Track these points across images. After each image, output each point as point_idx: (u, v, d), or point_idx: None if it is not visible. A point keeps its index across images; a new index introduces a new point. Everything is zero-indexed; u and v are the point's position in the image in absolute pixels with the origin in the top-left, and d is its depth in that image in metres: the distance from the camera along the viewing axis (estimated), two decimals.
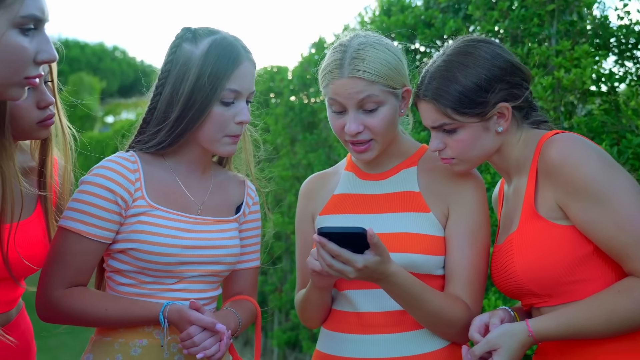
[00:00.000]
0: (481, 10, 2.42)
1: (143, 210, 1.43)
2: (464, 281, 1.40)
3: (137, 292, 1.45)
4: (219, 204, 1.55)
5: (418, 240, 1.42)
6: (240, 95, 1.44)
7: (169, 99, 1.44)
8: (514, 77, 1.34)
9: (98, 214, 1.40)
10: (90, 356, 1.46)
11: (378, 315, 1.43)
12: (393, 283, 1.31)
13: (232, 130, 1.45)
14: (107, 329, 1.46)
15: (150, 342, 1.43)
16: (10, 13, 1.06)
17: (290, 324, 4.29)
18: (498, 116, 1.34)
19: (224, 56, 1.42)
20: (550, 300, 1.28)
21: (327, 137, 3.83)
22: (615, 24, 2.18)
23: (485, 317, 1.31)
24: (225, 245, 1.51)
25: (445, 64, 1.34)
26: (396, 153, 1.51)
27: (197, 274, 1.47)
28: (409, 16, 2.84)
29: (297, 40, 51.11)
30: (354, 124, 1.39)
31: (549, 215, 1.27)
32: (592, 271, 1.24)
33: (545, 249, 1.26)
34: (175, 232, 1.44)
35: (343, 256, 1.25)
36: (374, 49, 1.40)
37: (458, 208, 1.44)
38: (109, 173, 1.42)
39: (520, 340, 1.23)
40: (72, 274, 1.43)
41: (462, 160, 1.38)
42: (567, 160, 1.24)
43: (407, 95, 1.47)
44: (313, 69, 3.74)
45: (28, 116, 1.41)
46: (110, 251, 1.46)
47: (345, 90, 1.39)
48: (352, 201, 1.51)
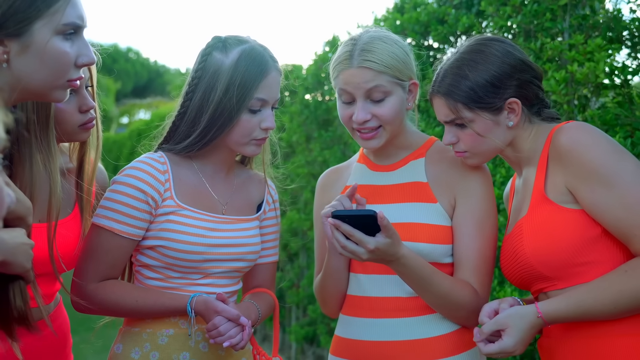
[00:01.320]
0: (494, 6, 2.45)
1: (172, 210, 1.50)
2: (472, 267, 1.45)
3: (164, 286, 1.53)
4: (242, 203, 1.61)
5: (425, 229, 1.47)
6: (267, 103, 1.51)
7: (199, 106, 1.51)
8: (524, 74, 1.39)
9: (130, 212, 1.47)
10: (120, 346, 1.53)
11: (387, 300, 1.49)
12: (403, 265, 1.37)
13: (258, 135, 1.52)
14: (135, 320, 1.54)
15: (177, 332, 1.50)
16: (54, 21, 1.14)
17: (307, 320, 4.34)
18: (508, 111, 1.39)
19: (253, 67, 1.48)
20: (559, 283, 1.32)
21: (342, 134, 3.87)
22: (628, 17, 2.19)
23: (495, 303, 1.36)
24: (248, 243, 1.57)
25: (457, 61, 1.40)
26: (405, 145, 1.57)
27: (221, 270, 1.54)
28: (422, 13, 2.88)
29: (312, 38, 51.62)
30: (362, 113, 1.46)
31: (559, 199, 1.31)
32: (600, 253, 1.28)
33: (555, 231, 1.30)
34: (201, 231, 1.50)
35: (356, 236, 1.32)
36: (382, 42, 1.47)
37: (465, 197, 1.49)
38: (139, 173, 1.49)
39: (530, 321, 1.26)
40: (105, 268, 1.50)
41: (475, 154, 1.43)
42: (577, 145, 1.29)
43: (414, 88, 1.53)
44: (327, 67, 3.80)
45: (71, 120, 1.49)
46: (139, 247, 1.53)
47: (354, 80, 1.45)
48: (363, 192, 1.56)
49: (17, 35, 1.12)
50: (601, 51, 2.09)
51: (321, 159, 4.08)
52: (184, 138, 1.53)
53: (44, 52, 1.13)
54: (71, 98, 1.48)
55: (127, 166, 1.53)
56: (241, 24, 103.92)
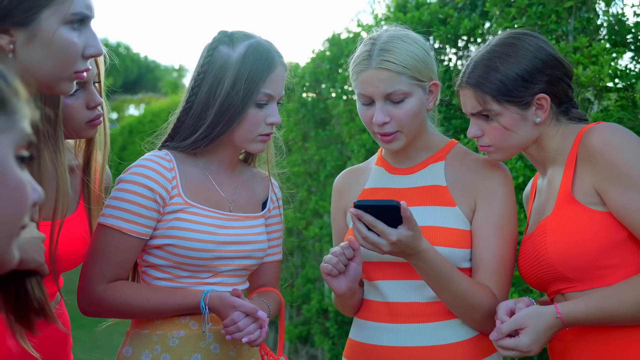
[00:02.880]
0: (499, 7, 2.44)
1: (180, 208, 1.47)
2: (491, 271, 1.43)
3: (173, 286, 1.50)
4: (248, 200, 1.59)
5: (443, 233, 1.45)
6: (273, 98, 1.49)
7: (205, 100, 1.49)
8: (555, 70, 1.38)
9: (137, 211, 1.45)
10: (129, 349, 1.50)
11: (406, 306, 1.47)
12: (423, 259, 1.35)
13: (263, 130, 1.50)
14: (144, 321, 1.51)
15: (188, 333, 1.48)
16: (62, 10, 1.11)
17: (301, 319, 4.32)
18: (537, 107, 1.38)
19: (260, 61, 1.47)
20: (579, 285, 1.31)
21: (340, 133, 3.86)
22: (632, 20, 2.20)
23: (511, 303, 1.34)
24: (256, 240, 1.56)
25: (488, 53, 1.39)
26: (425, 147, 1.55)
27: (230, 268, 1.52)
28: (425, 13, 2.87)
29: (309, 36, 51.36)
30: (380, 115, 1.44)
31: (586, 200, 1.30)
32: (625, 257, 1.27)
33: (580, 232, 1.29)
34: (210, 229, 1.48)
35: (378, 227, 1.30)
36: (402, 41, 1.44)
37: (485, 201, 1.47)
38: (146, 171, 1.46)
39: (549, 321, 1.25)
40: (113, 269, 1.47)
41: (499, 149, 1.42)
42: (609, 146, 1.28)
43: (435, 89, 1.50)
44: (326, 65, 3.78)
45: (78, 116, 1.47)
46: (146, 247, 1.50)
47: (372, 81, 1.43)
48: (381, 195, 1.55)
49: (24, 24, 1.08)
50: (606, 55, 2.09)
51: (318, 157, 4.06)
52: (190, 134, 1.51)
53: (51, 42, 1.10)
54: (79, 94, 1.46)
55: (133, 164, 1.50)
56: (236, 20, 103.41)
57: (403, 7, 3.16)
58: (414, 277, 1.46)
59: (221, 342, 1.49)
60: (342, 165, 3.85)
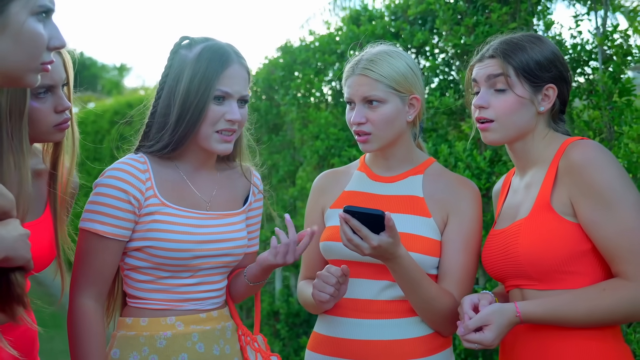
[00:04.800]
0: (448, 25, 2.59)
1: (156, 209, 1.52)
2: (456, 280, 1.59)
3: (155, 288, 1.55)
4: (227, 198, 1.65)
5: (417, 240, 1.59)
6: (230, 95, 1.53)
7: (167, 101, 1.54)
8: (564, 70, 1.52)
9: (113, 213, 1.49)
10: (117, 351, 1.53)
11: (374, 303, 1.60)
12: (399, 264, 1.48)
13: (221, 126, 1.52)
14: (130, 324, 1.55)
15: (174, 334, 1.53)
16: (30, 3, 1.11)
17: (252, 321, 4.37)
18: (543, 97, 1.50)
19: (215, 58, 1.53)
20: (539, 284, 1.43)
21: (292, 139, 3.93)
22: (570, 42, 2.39)
23: (475, 297, 1.46)
24: (234, 237, 1.61)
25: (516, 39, 1.52)
26: (406, 160, 1.69)
27: (210, 266, 1.58)
28: (378, 26, 2.99)
29: (262, 43, 50.98)
30: (357, 115, 1.60)
31: (560, 210, 1.41)
32: (585, 266, 1.40)
33: (551, 238, 1.39)
34: (187, 229, 1.53)
35: (362, 232, 1.42)
36: (387, 55, 1.61)
37: (456, 216, 1.62)
38: (120, 174, 1.51)
39: (509, 318, 1.37)
40: (94, 273, 1.51)
41: (501, 125, 1.50)
42: (589, 163, 1.37)
43: (416, 103, 1.64)
44: (279, 72, 3.85)
45: (45, 119, 1.48)
46: (127, 249, 1.54)
47: (354, 86, 1.61)
48: (361, 198, 1.67)
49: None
50: None
51: (270, 162, 4.12)
52: (158, 139, 1.56)
53: (20, 33, 1.10)
54: (47, 97, 1.47)
55: (108, 168, 1.54)
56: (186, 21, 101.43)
57: (356, 20, 3.28)
58: (383, 278, 1.60)
59: (206, 342, 1.55)
60: (294, 170, 3.93)
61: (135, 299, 1.57)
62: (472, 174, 2.42)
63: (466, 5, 2.58)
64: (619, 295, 1.34)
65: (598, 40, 2.22)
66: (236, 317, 1.69)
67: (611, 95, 2.19)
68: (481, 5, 2.52)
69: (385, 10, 3.11)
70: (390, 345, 1.58)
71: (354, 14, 3.30)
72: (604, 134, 2.21)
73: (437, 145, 2.65)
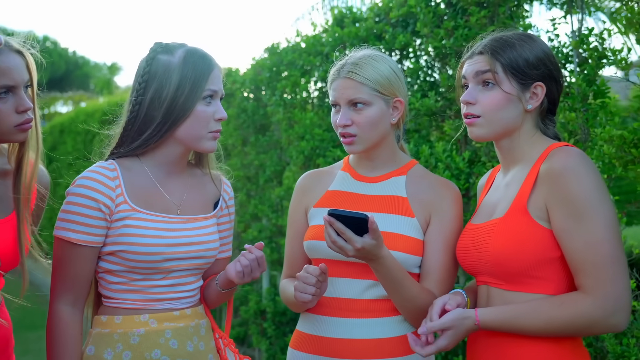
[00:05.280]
0: (428, 28, 2.63)
1: (127, 215, 1.56)
2: (437, 279, 1.64)
3: (128, 289, 1.59)
4: (197, 202, 1.68)
5: (401, 240, 1.63)
6: (216, 94, 1.61)
7: (150, 105, 1.58)
8: (554, 69, 1.51)
9: (84, 221, 1.53)
10: (92, 348, 1.57)
11: (356, 302, 1.64)
12: (382, 265, 1.52)
13: (213, 126, 1.60)
14: (105, 322, 1.59)
15: (147, 330, 1.57)
16: None
17: (239, 320, 4.40)
18: (531, 95, 1.49)
19: (201, 61, 1.59)
20: (506, 285, 1.45)
21: (279, 139, 3.97)
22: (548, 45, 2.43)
23: (446, 298, 1.50)
24: (205, 240, 1.65)
25: (506, 36, 1.52)
26: (390, 161, 1.73)
27: (181, 268, 1.61)
28: (361, 29, 3.03)
29: (250, 43, 51.19)
30: (343, 118, 1.65)
31: (536, 214, 1.41)
32: (552, 273, 1.41)
33: (522, 242, 1.40)
34: (157, 232, 1.57)
35: (346, 234, 1.45)
36: (372, 59, 1.66)
37: (438, 216, 1.66)
38: (89, 182, 1.55)
39: (468, 326, 1.42)
40: (69, 279, 1.56)
41: (487, 121, 1.50)
42: (569, 172, 1.37)
43: (400, 105, 1.69)
44: (266, 73, 3.89)
45: (7, 120, 1.51)
46: (100, 254, 1.58)
47: (339, 89, 1.65)
48: (345, 198, 1.71)
49: None
50: None
51: (257, 162, 4.16)
52: (137, 137, 1.60)
53: None
54: (9, 98, 1.50)
55: (78, 177, 1.59)
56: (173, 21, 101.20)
57: (340, 22, 3.32)
58: (367, 277, 1.63)
59: (179, 339, 1.59)
60: (280, 170, 3.96)
61: (109, 299, 1.61)
62: (451, 174, 2.46)
63: (446, 9, 2.63)
64: (576, 310, 1.35)
65: (573, 43, 2.27)
66: (212, 320, 1.72)
67: (586, 98, 2.24)
68: (460, 9, 2.56)
69: (369, 12, 3.15)
70: (373, 344, 1.61)
71: (338, 15, 3.34)
72: (579, 135, 2.26)
73: (419, 145, 2.69)
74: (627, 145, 1.96)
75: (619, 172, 2.07)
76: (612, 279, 1.33)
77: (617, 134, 1.97)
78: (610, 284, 1.33)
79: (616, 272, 1.33)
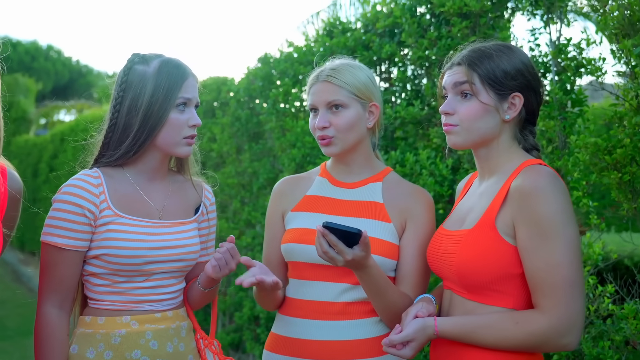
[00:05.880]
0: (413, 38, 2.69)
1: (110, 220, 1.63)
2: (412, 283, 1.70)
3: (111, 291, 1.66)
4: (178, 207, 1.75)
5: (378, 244, 1.68)
6: (190, 102, 1.68)
7: (128, 113, 1.65)
8: (533, 80, 1.53)
9: (70, 227, 1.60)
10: (75, 347, 1.64)
11: (331, 304, 1.69)
12: (368, 273, 1.58)
13: (187, 132, 1.68)
14: (89, 322, 1.66)
15: (128, 331, 1.63)
16: None
17: (234, 326, 4.44)
18: (509, 106, 1.51)
19: (175, 70, 1.67)
20: (467, 294, 1.50)
21: (272, 147, 4.03)
22: (528, 54, 2.49)
23: (419, 307, 1.54)
24: (186, 244, 1.71)
25: (485, 47, 1.54)
26: (366, 166, 1.80)
27: (162, 270, 1.68)
28: (350, 39, 3.09)
29: (245, 53, 51.65)
30: (321, 120, 1.71)
31: (503, 230, 1.44)
32: (512, 288, 1.44)
33: (487, 257, 1.44)
34: (139, 236, 1.63)
35: (339, 247, 1.51)
36: (349, 66, 1.74)
37: (413, 222, 1.72)
38: (74, 190, 1.62)
39: (428, 335, 1.47)
40: (55, 283, 1.62)
41: (464, 129, 1.52)
42: (537, 192, 1.39)
43: (375, 110, 1.75)
44: (258, 82, 3.95)
45: None
46: (86, 257, 1.65)
47: (317, 92, 1.72)
48: (322, 203, 1.77)
49: None
50: None
51: (251, 170, 4.22)
52: (118, 146, 1.67)
53: None
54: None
55: (64, 184, 1.66)
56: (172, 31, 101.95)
57: (330, 32, 3.38)
58: (344, 281, 1.69)
59: (159, 340, 1.65)
60: (274, 177, 4.02)
61: (94, 300, 1.67)
62: (435, 181, 2.52)
63: (430, 19, 2.69)
64: (530, 330, 1.38)
65: (552, 53, 2.33)
66: (194, 322, 1.78)
67: (563, 106, 2.29)
68: (443, 19, 2.63)
69: (357, 22, 3.21)
70: (348, 345, 1.66)
71: (328, 26, 3.40)
72: (556, 142, 2.31)
73: (405, 153, 2.74)
74: (600, 152, 2.01)
75: (593, 179, 2.12)
76: (568, 302, 1.36)
77: (591, 142, 2.02)
78: (565, 306, 1.36)
79: (572, 295, 1.36)
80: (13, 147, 12.46)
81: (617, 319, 2.06)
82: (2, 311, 6.39)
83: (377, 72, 3.13)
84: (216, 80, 4.83)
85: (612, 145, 1.99)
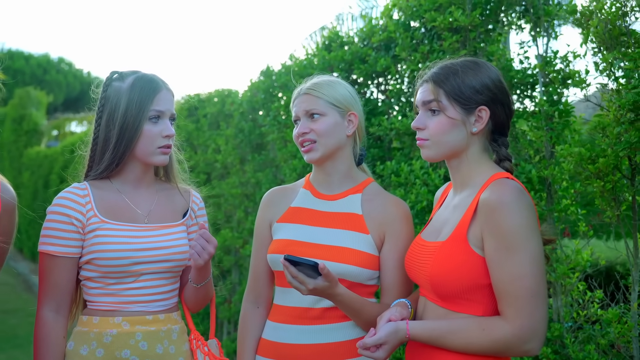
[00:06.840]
0: (406, 52, 2.78)
1: (97, 226, 1.75)
2: (394, 294, 1.79)
3: (104, 293, 1.78)
4: (165, 212, 1.87)
5: (355, 254, 1.76)
6: (163, 114, 1.80)
7: (106, 127, 1.79)
8: (500, 94, 1.59)
9: (60, 235, 1.74)
10: (72, 344, 1.77)
11: (309, 310, 1.78)
12: (339, 301, 1.68)
13: (160, 142, 1.80)
14: (85, 322, 1.78)
15: (119, 332, 1.75)
16: None
17: (235, 335, 4.51)
18: (476, 119, 1.58)
19: (146, 86, 1.80)
20: (440, 302, 1.57)
21: (274, 158, 4.12)
22: (518, 66, 2.57)
23: (393, 311, 1.60)
24: (172, 245, 1.82)
25: (452, 64, 1.62)
26: (347, 177, 1.88)
27: (151, 271, 1.79)
28: (347, 52, 3.19)
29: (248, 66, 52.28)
30: (301, 127, 1.84)
31: (474, 243, 1.51)
32: (483, 297, 1.51)
33: (458, 269, 1.51)
34: (125, 240, 1.76)
35: (299, 278, 1.60)
36: (329, 81, 1.87)
37: (392, 235, 1.80)
38: (63, 201, 1.76)
39: (400, 338, 1.54)
40: (51, 288, 1.75)
41: (435, 143, 1.60)
42: (502, 206, 1.45)
43: (354, 119, 1.86)
44: (261, 95, 4.06)
45: None
46: (80, 263, 1.78)
47: (299, 104, 1.86)
48: (305, 214, 1.86)
49: None
50: None
51: (254, 180, 4.31)
52: (101, 159, 1.80)
53: None
54: None
55: (55, 197, 1.79)
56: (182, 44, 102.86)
57: (328, 47, 3.48)
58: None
59: (149, 341, 1.76)
60: None
61: (91, 302, 1.80)
62: (428, 190, 2.59)
63: (423, 34, 2.78)
64: (495, 337, 1.45)
65: (539, 66, 2.41)
66: (190, 323, 1.88)
67: (550, 117, 2.36)
68: (435, 34, 2.71)
69: (355, 36, 3.31)
70: (329, 348, 1.75)
71: (327, 40, 3.50)
72: (543, 152, 2.38)
73: (400, 163, 2.82)
74: (584, 161, 2.08)
75: (577, 187, 2.19)
76: (530, 311, 1.43)
77: (575, 151, 2.09)
78: (527, 316, 1.43)
79: (535, 305, 1.43)
80: (25, 159, 12.68)
81: (604, 324, 2.12)
82: (13, 320, 6.53)
83: (373, 84, 3.22)
84: (220, 93, 4.95)
85: (596, 154, 2.06)
